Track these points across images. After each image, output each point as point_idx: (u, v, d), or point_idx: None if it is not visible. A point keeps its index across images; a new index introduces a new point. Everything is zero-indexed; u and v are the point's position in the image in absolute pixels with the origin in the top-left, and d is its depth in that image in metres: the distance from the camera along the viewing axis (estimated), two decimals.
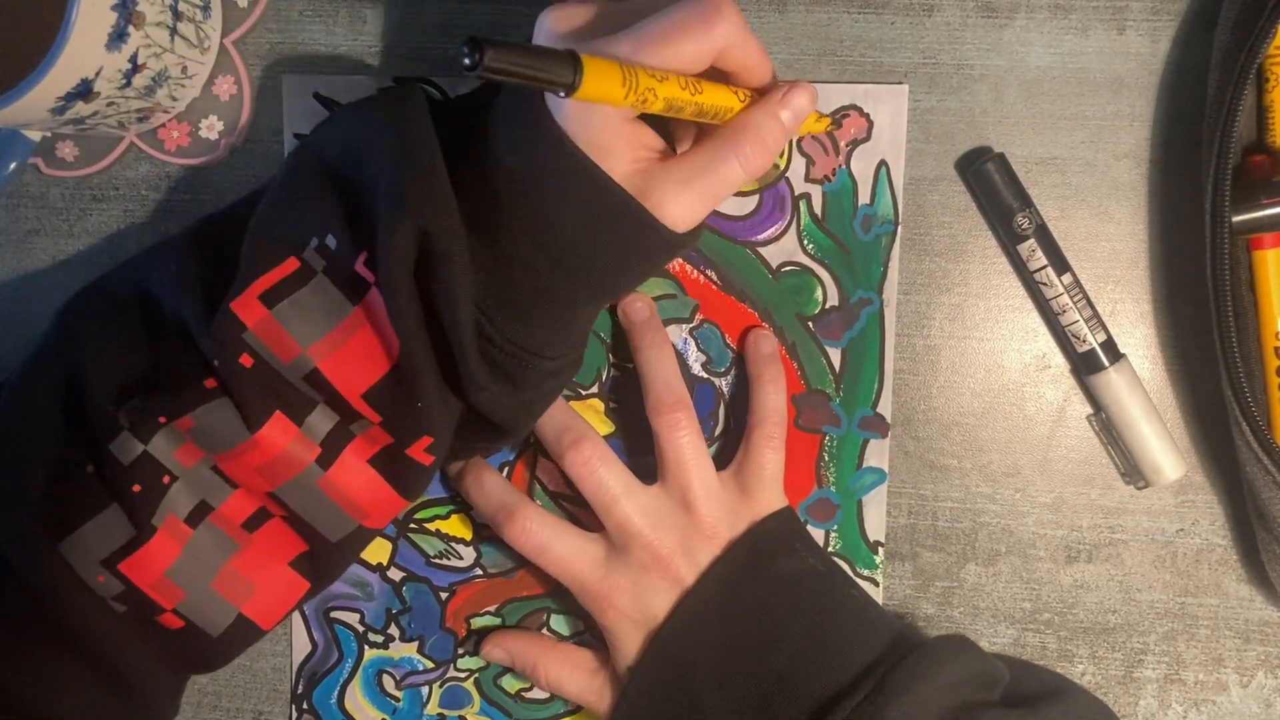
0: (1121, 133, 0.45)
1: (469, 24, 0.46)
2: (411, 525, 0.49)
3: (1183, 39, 0.45)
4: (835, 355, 0.47)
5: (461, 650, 0.49)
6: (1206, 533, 0.47)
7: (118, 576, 0.39)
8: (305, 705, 0.50)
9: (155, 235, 0.48)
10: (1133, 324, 0.46)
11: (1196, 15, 0.44)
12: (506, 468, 0.48)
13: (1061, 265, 0.45)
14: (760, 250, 0.47)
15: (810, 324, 0.47)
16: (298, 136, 0.47)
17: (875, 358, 0.47)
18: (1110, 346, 0.45)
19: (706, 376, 0.47)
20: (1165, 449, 0.45)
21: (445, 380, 0.39)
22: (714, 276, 0.47)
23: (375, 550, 0.49)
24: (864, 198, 0.46)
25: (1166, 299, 0.46)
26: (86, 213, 0.48)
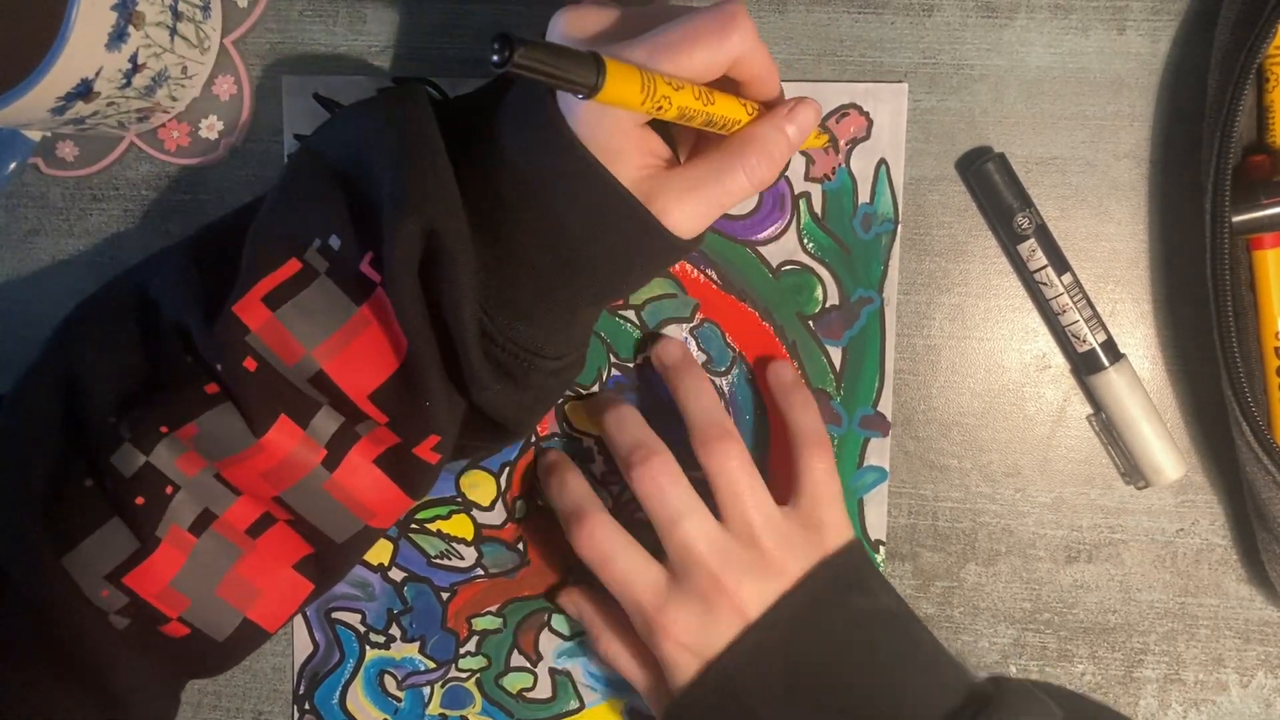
0: (1121, 133, 0.45)
1: (469, 24, 0.46)
2: (413, 525, 0.49)
3: (1183, 39, 0.45)
4: (836, 354, 0.47)
5: (463, 650, 0.49)
6: (1206, 533, 0.47)
7: (122, 590, 0.39)
8: (307, 705, 0.50)
9: (155, 235, 0.48)
10: (1133, 324, 0.46)
11: (1196, 15, 0.44)
12: (508, 468, 0.48)
13: (1061, 265, 0.45)
14: (760, 249, 0.47)
15: (811, 323, 0.47)
16: (298, 137, 0.47)
17: (876, 356, 0.47)
18: (1110, 346, 0.45)
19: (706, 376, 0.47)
20: (1165, 449, 0.45)
21: (450, 379, 0.39)
22: (714, 276, 0.47)
23: (376, 551, 0.49)
24: (864, 196, 0.46)
25: (1166, 299, 0.46)
26: (86, 213, 0.48)
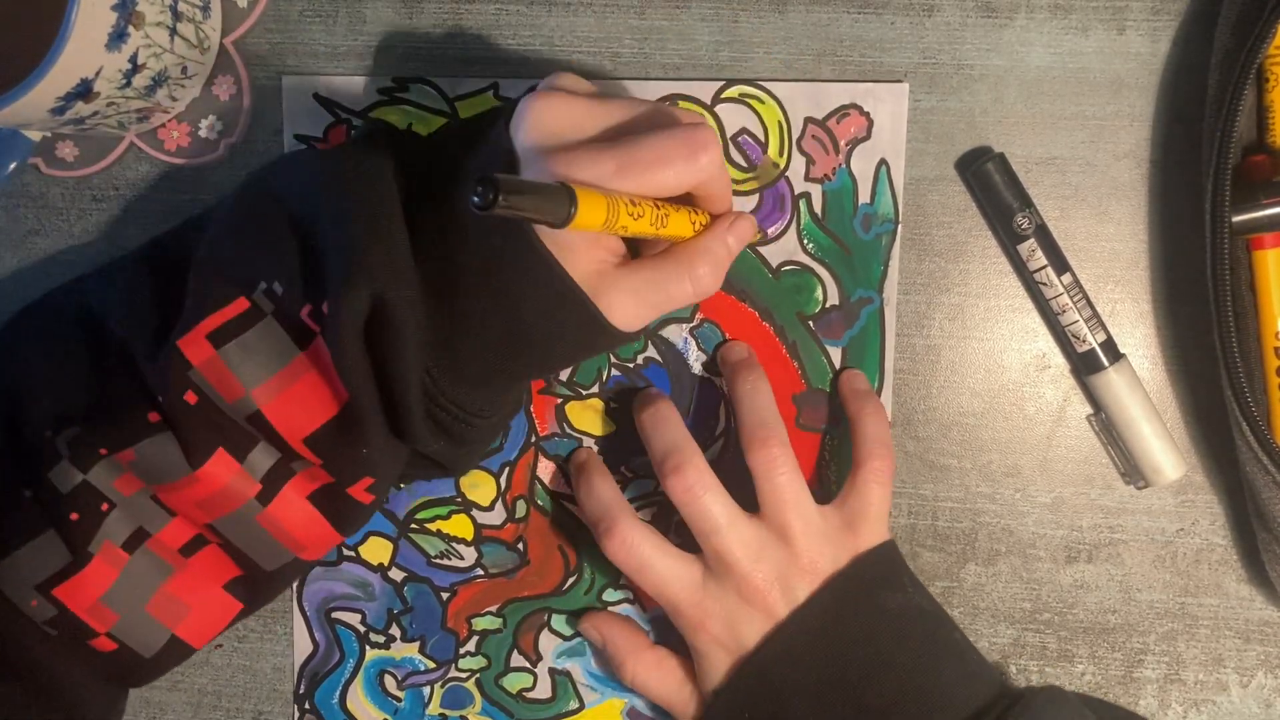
0: (1121, 133, 0.45)
1: (469, 24, 0.46)
2: (413, 525, 0.49)
3: (1183, 39, 0.45)
4: (836, 354, 0.47)
5: (463, 650, 0.49)
6: (1206, 533, 0.47)
7: (51, 601, 0.40)
8: (307, 705, 0.50)
9: (155, 234, 0.48)
10: (1133, 324, 0.46)
11: (1196, 15, 0.44)
12: (508, 468, 0.48)
13: (1061, 265, 0.45)
14: (760, 249, 0.47)
15: (811, 323, 0.47)
16: (298, 137, 0.47)
17: (876, 357, 0.47)
18: (1110, 346, 0.45)
19: (707, 376, 0.47)
20: (1165, 449, 0.45)
21: (390, 425, 0.39)
22: None
23: (376, 551, 0.49)
24: (864, 197, 0.46)
25: (1166, 299, 0.46)
26: (86, 213, 0.48)
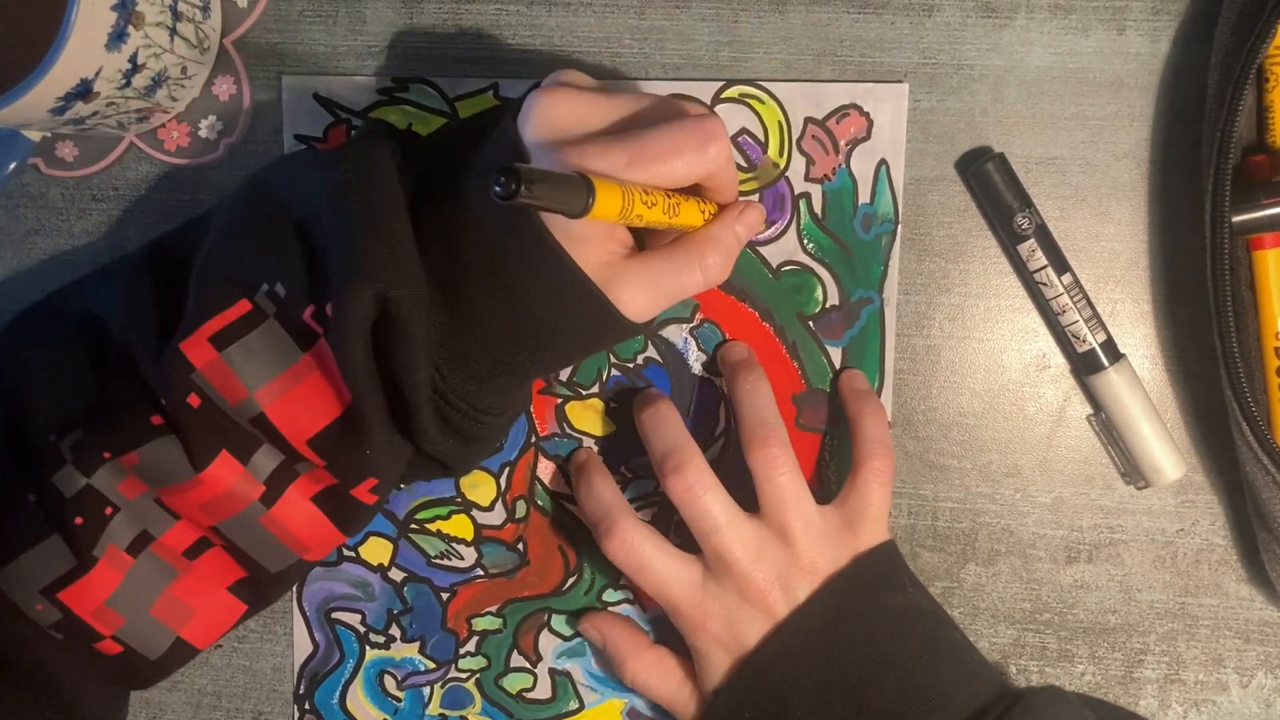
0: (1121, 133, 0.45)
1: (469, 24, 0.46)
2: (412, 526, 0.49)
3: (1183, 39, 0.45)
4: (836, 354, 0.47)
5: (463, 650, 0.49)
6: (1206, 533, 0.47)
7: (56, 605, 0.40)
8: (307, 705, 0.50)
9: (155, 235, 0.48)
10: (1133, 324, 0.46)
11: (1196, 15, 0.44)
12: (508, 468, 0.48)
13: (1061, 265, 0.45)
14: (760, 249, 0.47)
15: (811, 323, 0.47)
16: (298, 137, 0.47)
17: (876, 357, 0.47)
18: (1110, 346, 0.45)
19: (707, 376, 0.47)
20: (1165, 449, 0.45)
21: (395, 423, 0.39)
22: None
23: (376, 551, 0.49)
24: (864, 197, 0.46)
25: (1166, 299, 0.46)
26: (86, 213, 0.48)
